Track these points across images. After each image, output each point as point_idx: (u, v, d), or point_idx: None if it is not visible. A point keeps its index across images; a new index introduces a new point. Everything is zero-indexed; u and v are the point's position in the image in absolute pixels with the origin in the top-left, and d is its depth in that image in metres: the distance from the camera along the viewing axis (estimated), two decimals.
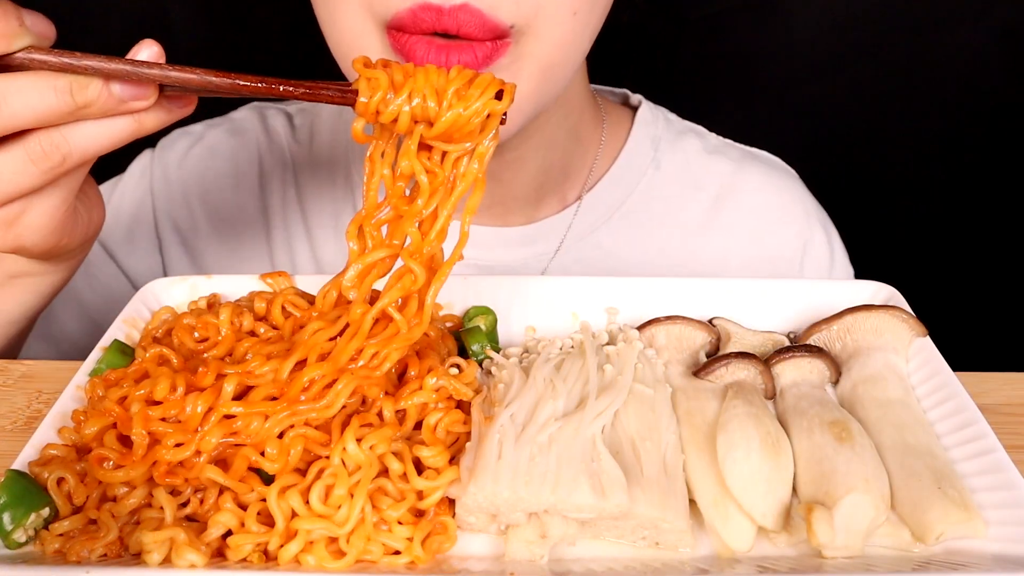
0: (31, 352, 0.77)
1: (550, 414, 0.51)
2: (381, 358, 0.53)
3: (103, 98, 0.51)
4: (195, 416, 0.49)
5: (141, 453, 0.49)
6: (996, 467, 0.49)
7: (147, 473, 0.49)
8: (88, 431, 0.51)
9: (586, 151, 0.87)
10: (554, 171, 0.85)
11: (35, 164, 0.52)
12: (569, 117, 0.83)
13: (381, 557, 0.47)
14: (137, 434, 0.49)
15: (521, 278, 0.67)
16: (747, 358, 0.57)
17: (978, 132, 1.38)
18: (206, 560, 0.45)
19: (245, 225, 0.91)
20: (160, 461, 0.48)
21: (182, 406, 0.50)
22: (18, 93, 0.49)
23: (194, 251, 0.91)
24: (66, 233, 0.60)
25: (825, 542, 0.46)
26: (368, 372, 0.52)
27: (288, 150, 0.92)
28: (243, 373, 0.52)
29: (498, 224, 0.86)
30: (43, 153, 0.52)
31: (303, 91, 0.52)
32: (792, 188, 0.92)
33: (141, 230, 0.91)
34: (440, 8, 0.60)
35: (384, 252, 0.55)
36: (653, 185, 0.89)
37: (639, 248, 0.87)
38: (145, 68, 0.50)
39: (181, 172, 0.92)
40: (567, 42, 0.66)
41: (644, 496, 0.48)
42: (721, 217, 0.89)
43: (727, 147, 0.93)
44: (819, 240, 0.90)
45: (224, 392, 0.50)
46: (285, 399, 0.50)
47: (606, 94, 0.95)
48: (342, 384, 0.51)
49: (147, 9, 1.26)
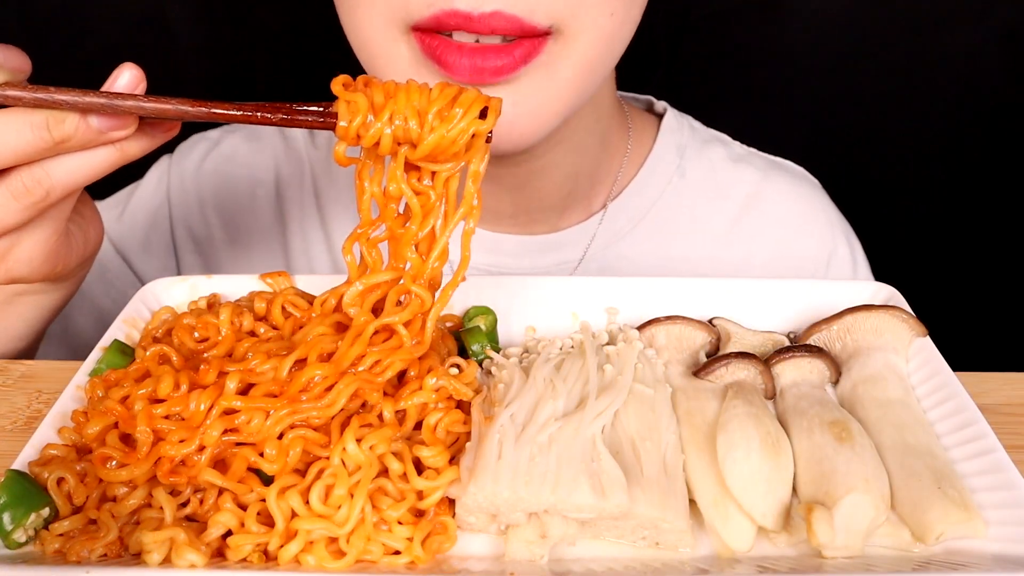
0: (48, 357, 0.77)
1: (550, 414, 0.51)
2: (383, 367, 0.53)
3: (81, 131, 0.50)
4: (198, 413, 0.49)
5: (145, 451, 0.49)
6: (996, 467, 0.49)
7: (150, 471, 0.49)
8: (90, 431, 0.51)
9: (612, 158, 0.86)
10: (582, 178, 0.84)
11: (17, 200, 0.52)
12: (599, 122, 0.82)
13: (381, 557, 0.47)
14: (141, 432, 0.49)
15: (521, 278, 0.67)
16: (747, 358, 0.57)
17: (978, 132, 1.38)
18: (206, 560, 0.45)
19: (262, 232, 0.90)
20: (164, 458, 0.48)
21: (185, 403, 0.50)
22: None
23: (210, 258, 0.90)
24: (60, 259, 0.60)
25: (825, 542, 0.46)
26: (370, 378, 0.52)
27: (306, 156, 0.91)
28: (245, 371, 0.52)
29: (522, 232, 0.85)
30: (25, 189, 0.52)
31: (280, 117, 0.52)
32: (816, 199, 0.92)
33: (157, 237, 0.91)
34: (469, 15, 0.59)
35: (388, 276, 0.55)
36: (678, 193, 0.88)
37: (663, 257, 0.86)
38: (120, 100, 0.50)
39: (198, 179, 0.91)
40: (603, 43, 0.66)
41: (644, 496, 0.48)
42: (745, 226, 0.88)
43: (752, 156, 0.93)
44: (842, 251, 0.89)
45: (227, 388, 0.50)
46: (286, 397, 0.50)
47: (630, 100, 0.94)
48: (343, 384, 0.51)
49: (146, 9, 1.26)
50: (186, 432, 0.49)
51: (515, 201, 0.82)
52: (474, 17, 0.59)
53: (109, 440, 0.50)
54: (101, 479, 0.49)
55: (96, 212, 0.65)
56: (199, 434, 0.49)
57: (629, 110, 0.90)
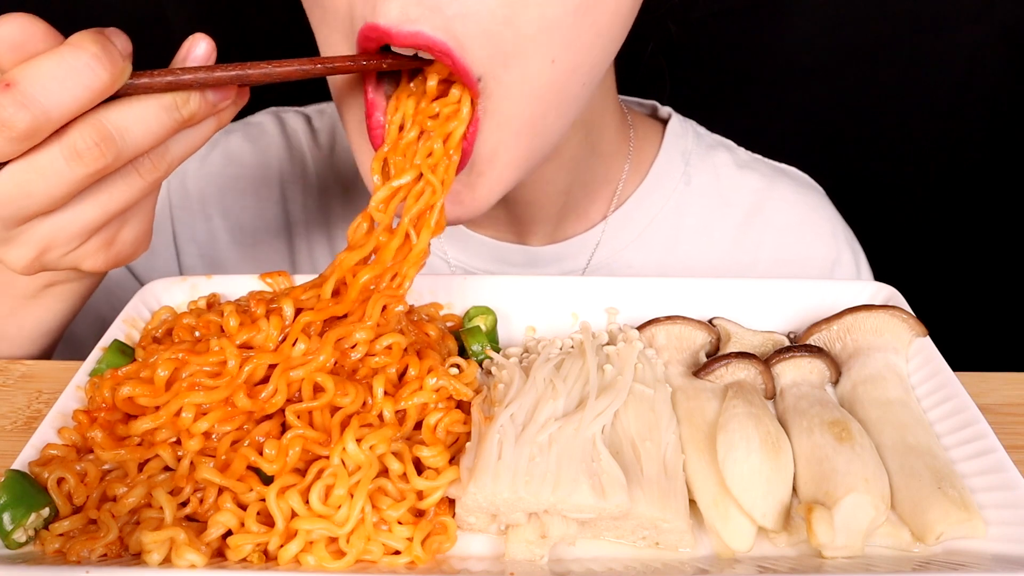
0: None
1: (550, 414, 0.51)
2: (401, 276, 0.58)
3: (204, 109, 0.52)
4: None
5: (174, 390, 0.51)
6: (996, 467, 0.49)
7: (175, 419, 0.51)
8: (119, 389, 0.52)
9: (610, 166, 0.85)
10: (576, 189, 0.82)
11: (143, 178, 0.53)
12: (591, 135, 0.78)
13: (381, 557, 0.47)
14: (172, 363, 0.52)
15: (521, 278, 0.67)
16: (747, 358, 0.57)
17: (978, 132, 1.38)
18: (206, 560, 0.45)
19: (266, 233, 0.90)
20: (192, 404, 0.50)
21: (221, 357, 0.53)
22: (137, 123, 0.49)
23: (214, 261, 0.90)
24: (148, 242, 0.60)
25: (825, 542, 0.46)
26: (392, 292, 0.57)
27: (308, 154, 0.90)
28: (294, 299, 0.55)
29: (521, 241, 0.84)
30: (152, 166, 0.53)
31: (368, 62, 0.55)
32: (821, 207, 0.91)
33: (160, 242, 0.90)
34: (388, 32, 0.52)
35: (410, 176, 0.58)
36: (683, 201, 0.87)
37: (668, 265, 0.86)
38: (250, 69, 0.52)
39: (199, 181, 0.90)
40: (545, 94, 0.56)
41: (644, 496, 0.48)
42: (750, 235, 0.88)
43: (757, 162, 0.92)
44: (846, 260, 0.89)
45: (284, 314, 0.54)
46: (325, 312, 0.54)
47: (633, 105, 0.93)
48: (373, 301, 0.56)
49: (146, 9, 1.26)
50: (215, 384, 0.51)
51: (509, 210, 0.81)
52: (393, 35, 0.52)
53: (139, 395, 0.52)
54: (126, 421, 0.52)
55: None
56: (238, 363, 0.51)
57: (632, 116, 0.89)
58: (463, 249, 0.86)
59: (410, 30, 0.51)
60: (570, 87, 0.58)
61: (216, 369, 0.52)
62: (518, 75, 0.54)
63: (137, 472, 0.50)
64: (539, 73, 0.55)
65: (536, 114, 0.57)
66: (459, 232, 0.85)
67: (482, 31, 0.52)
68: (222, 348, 0.52)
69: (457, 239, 0.86)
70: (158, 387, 0.52)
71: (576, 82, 0.58)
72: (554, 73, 0.55)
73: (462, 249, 0.86)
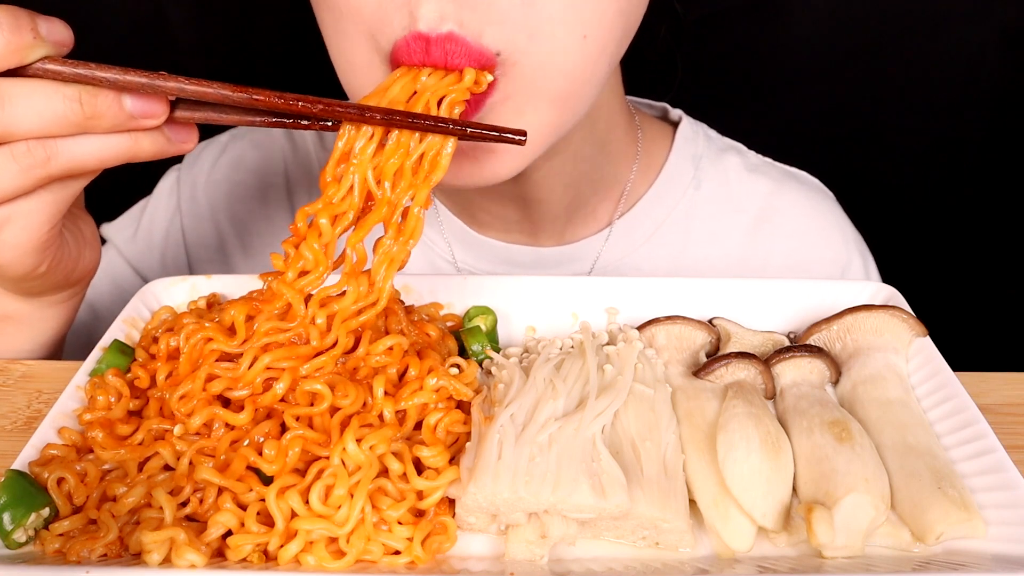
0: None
1: (550, 414, 0.51)
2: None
3: (113, 111, 0.49)
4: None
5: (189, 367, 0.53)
6: (996, 467, 0.49)
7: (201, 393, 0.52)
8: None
9: (618, 165, 0.84)
10: (584, 185, 0.81)
11: (16, 161, 0.50)
12: (596, 130, 0.78)
13: (381, 557, 0.47)
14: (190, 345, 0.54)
15: (521, 278, 0.67)
16: (747, 358, 0.57)
17: (978, 132, 1.38)
18: (206, 560, 0.45)
19: (274, 238, 0.90)
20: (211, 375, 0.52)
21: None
22: (24, 97, 0.47)
23: (224, 267, 0.90)
24: (47, 259, 0.58)
25: (825, 542, 0.46)
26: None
27: (315, 158, 0.90)
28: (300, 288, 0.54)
29: (532, 241, 0.84)
30: (27, 149, 0.50)
31: (320, 108, 0.51)
32: (831, 212, 0.91)
33: (172, 251, 0.90)
34: (428, 37, 0.54)
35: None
36: (693, 205, 0.87)
37: (676, 269, 0.85)
38: (161, 80, 0.49)
39: (208, 188, 0.90)
40: (578, 69, 0.58)
41: (644, 496, 0.48)
42: (759, 239, 0.87)
43: (766, 166, 0.91)
44: (856, 266, 0.89)
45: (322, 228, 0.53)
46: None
47: (643, 107, 0.93)
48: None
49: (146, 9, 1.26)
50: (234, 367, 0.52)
51: (519, 208, 0.81)
52: (432, 39, 0.53)
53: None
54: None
55: (96, 239, 0.63)
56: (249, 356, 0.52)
57: (640, 117, 0.88)
58: (471, 252, 0.86)
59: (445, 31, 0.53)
60: (597, 67, 0.60)
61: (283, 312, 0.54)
62: (546, 49, 0.55)
63: (137, 472, 0.50)
64: (571, 48, 0.56)
65: (570, 89, 0.59)
66: (467, 235, 0.85)
67: (498, 13, 0.53)
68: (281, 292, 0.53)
69: (466, 242, 0.85)
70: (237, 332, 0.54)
71: (605, 60, 0.60)
72: (587, 49, 0.57)
73: (470, 252, 0.86)
